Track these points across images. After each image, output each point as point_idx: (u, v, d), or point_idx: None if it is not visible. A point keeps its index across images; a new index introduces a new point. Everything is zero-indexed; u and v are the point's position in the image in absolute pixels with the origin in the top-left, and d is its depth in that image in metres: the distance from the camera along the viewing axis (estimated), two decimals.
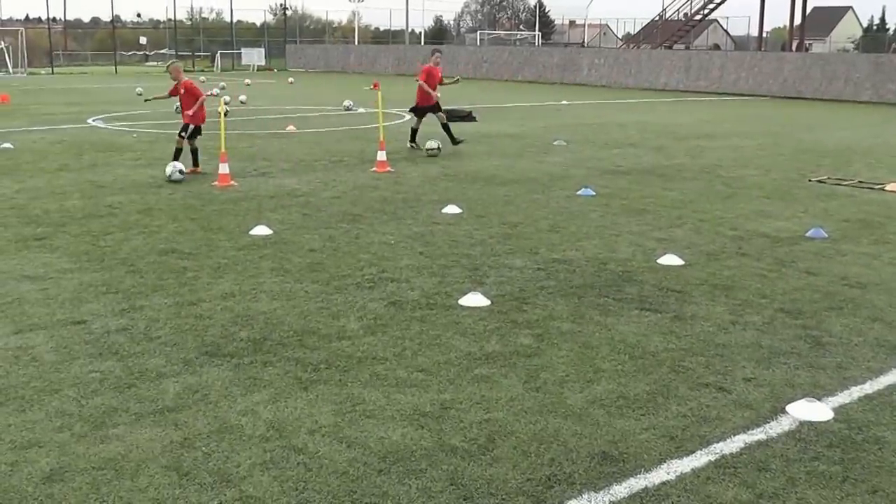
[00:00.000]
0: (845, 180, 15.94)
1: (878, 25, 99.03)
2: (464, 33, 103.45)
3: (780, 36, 77.36)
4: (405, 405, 5.64)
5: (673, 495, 4.61)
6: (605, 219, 11.76)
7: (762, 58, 47.46)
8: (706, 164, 17.75)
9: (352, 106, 29.16)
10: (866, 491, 4.74)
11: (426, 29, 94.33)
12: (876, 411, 5.80)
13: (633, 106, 35.53)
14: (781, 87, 44.68)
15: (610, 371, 6.32)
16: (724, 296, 8.31)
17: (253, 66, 71.89)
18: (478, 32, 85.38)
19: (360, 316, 7.44)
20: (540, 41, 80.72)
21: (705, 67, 48.49)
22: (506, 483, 4.67)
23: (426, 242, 10.10)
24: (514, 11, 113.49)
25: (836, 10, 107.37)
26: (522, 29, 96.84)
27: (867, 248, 10.49)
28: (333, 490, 4.56)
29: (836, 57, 49.28)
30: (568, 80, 53.37)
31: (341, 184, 14.13)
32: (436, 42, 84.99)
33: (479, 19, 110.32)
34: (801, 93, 43.63)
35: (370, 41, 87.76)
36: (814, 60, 45.61)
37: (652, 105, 36.35)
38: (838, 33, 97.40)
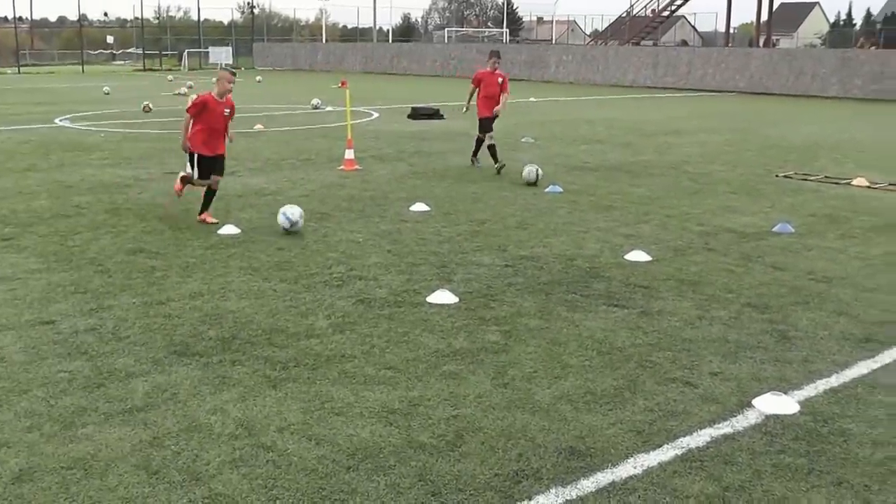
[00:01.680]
0: (812, 175, 16.08)
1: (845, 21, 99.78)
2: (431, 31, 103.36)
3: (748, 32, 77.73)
4: (374, 402, 5.66)
5: (640, 489, 4.65)
6: (572, 215, 11.82)
7: (729, 54, 47.77)
8: (673, 161, 17.86)
9: (320, 104, 29.11)
10: (831, 483, 4.81)
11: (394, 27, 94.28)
12: (841, 404, 5.88)
13: (601, 103, 35.66)
14: (748, 83, 44.98)
15: (577, 367, 6.36)
16: (691, 291, 8.38)
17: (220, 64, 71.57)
18: (445, 30, 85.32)
19: (328, 314, 7.46)
20: (508, 38, 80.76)
21: (673, 64, 48.73)
22: (474, 478, 4.70)
23: (394, 240, 10.12)
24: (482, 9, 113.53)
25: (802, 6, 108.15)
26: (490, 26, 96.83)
27: (833, 243, 10.60)
28: (302, 487, 4.58)
29: (803, 52, 49.70)
30: (536, 77, 53.48)
31: (309, 182, 14.12)
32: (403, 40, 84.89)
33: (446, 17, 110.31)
34: (768, 88, 43.94)
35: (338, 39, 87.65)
36: (781, 56, 45.94)
37: (620, 102, 36.51)
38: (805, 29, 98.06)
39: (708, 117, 29.06)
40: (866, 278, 9.03)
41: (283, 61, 71.41)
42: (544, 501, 4.51)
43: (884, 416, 5.69)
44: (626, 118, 27.96)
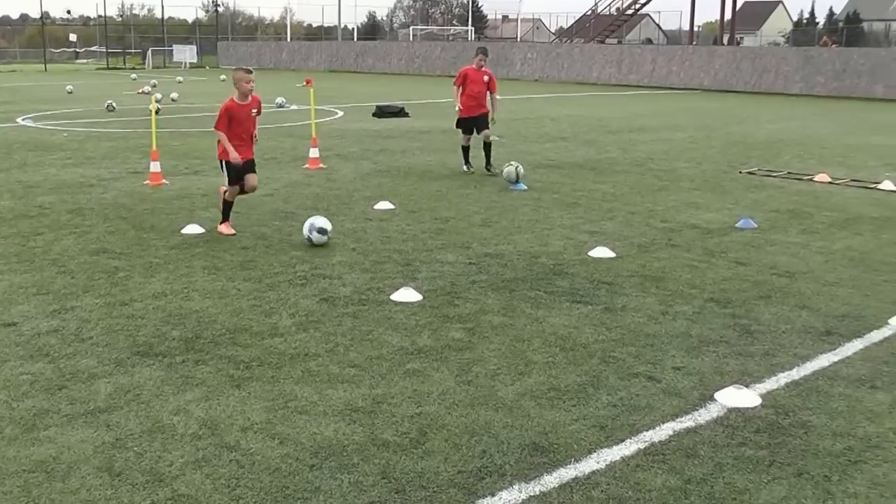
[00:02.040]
0: (775, 172, 16.21)
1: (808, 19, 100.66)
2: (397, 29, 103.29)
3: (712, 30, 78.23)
4: (337, 401, 5.66)
5: (602, 483, 4.68)
6: (537, 213, 11.86)
7: (693, 52, 48.01)
8: (637, 158, 17.95)
9: (284, 103, 29.02)
10: (792, 474, 4.86)
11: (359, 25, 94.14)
12: (802, 396, 5.94)
13: (566, 100, 35.78)
14: (713, 81, 45.24)
15: (541, 363, 6.39)
16: (655, 287, 8.43)
17: (185, 63, 71.25)
18: (410, 28, 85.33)
19: (292, 313, 7.45)
20: (473, 36, 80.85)
21: (637, 61, 48.94)
22: (437, 475, 4.72)
23: (358, 239, 10.12)
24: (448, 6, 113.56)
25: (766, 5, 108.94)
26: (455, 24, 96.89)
27: (796, 238, 10.70)
28: (266, 486, 4.58)
29: (767, 50, 50.03)
30: (501, 74, 53.41)
31: (274, 181, 14.07)
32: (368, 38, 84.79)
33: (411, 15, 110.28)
34: (732, 86, 44.21)
35: (303, 38, 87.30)
36: (744, 54, 46.24)
37: (584, 99, 36.63)
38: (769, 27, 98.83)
39: (672, 115, 29.20)
40: (828, 272, 9.12)
41: (248, 60, 71.04)
42: (507, 497, 4.52)
43: (844, 408, 5.76)
44: (591, 115, 28.06)
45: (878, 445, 5.26)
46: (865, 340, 7.12)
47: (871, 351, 6.90)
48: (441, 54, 58.53)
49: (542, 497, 4.54)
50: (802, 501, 4.58)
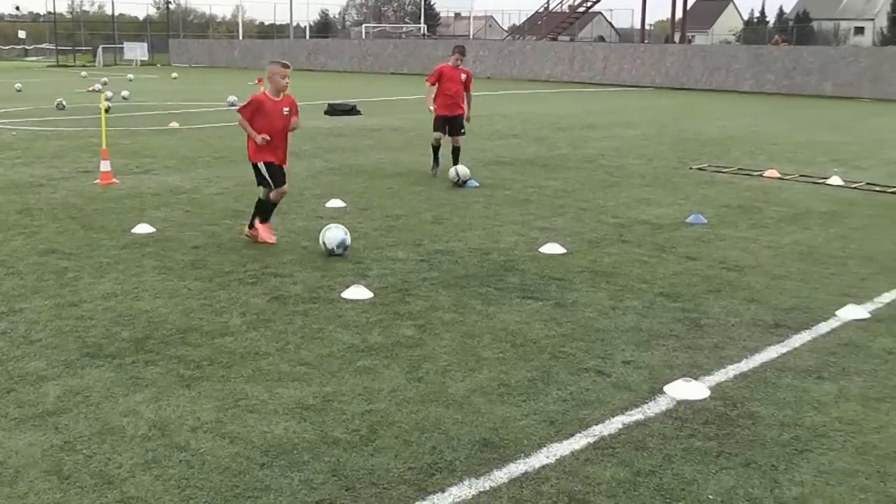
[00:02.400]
0: (725, 167, 16.38)
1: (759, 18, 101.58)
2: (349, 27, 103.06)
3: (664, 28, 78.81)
4: (288, 399, 5.65)
5: (552, 478, 4.71)
6: (488, 209, 11.89)
7: (645, 49, 48.41)
8: (589, 154, 18.05)
9: (236, 101, 28.80)
10: (740, 464, 4.93)
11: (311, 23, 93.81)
12: (751, 388, 6.02)
13: (518, 97, 35.86)
14: (664, 78, 45.62)
15: (491, 359, 6.41)
16: (605, 282, 8.49)
17: (136, 60, 70.66)
18: (363, 26, 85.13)
19: (242, 312, 7.42)
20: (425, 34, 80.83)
21: (589, 59, 49.21)
22: (387, 472, 4.72)
23: (310, 237, 10.07)
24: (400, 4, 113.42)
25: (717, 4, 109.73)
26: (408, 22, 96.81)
27: (745, 233, 10.82)
28: (216, 486, 4.56)
29: (718, 48, 50.56)
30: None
31: (225, 180, 14.01)
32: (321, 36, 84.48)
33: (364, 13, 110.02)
34: (683, 83, 44.60)
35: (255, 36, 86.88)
36: (695, 52, 46.72)
37: (536, 96, 36.75)
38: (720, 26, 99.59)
39: (624, 112, 29.37)
40: (777, 266, 9.23)
41: (200, 58, 70.67)
42: (457, 493, 4.54)
43: (791, 399, 5.84)
44: (543, 113, 28.16)
45: (824, 434, 5.34)
46: (813, 332, 7.22)
47: (818, 343, 7.00)
48: (393, 52, 58.51)
49: (492, 492, 4.55)
50: (750, 491, 4.64)
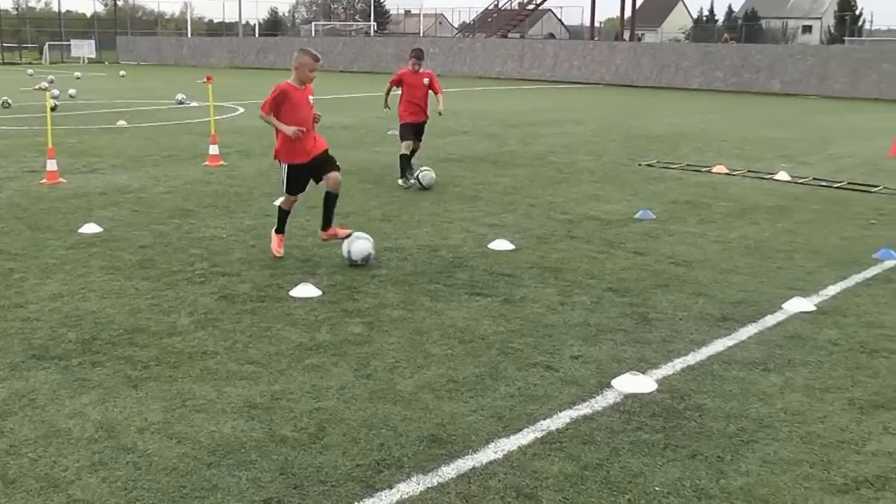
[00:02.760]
0: (674, 164, 16.50)
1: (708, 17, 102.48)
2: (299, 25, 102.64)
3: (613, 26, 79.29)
4: (236, 398, 5.62)
5: (500, 473, 4.73)
6: (437, 206, 11.89)
7: (594, 47, 48.63)
8: (538, 151, 18.11)
9: (184, 99, 28.67)
10: (686, 456, 4.98)
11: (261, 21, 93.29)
12: (697, 381, 6.08)
13: (468, 94, 35.88)
14: (614, 76, 45.89)
15: (440, 356, 6.43)
16: (554, 278, 8.52)
17: (83, 58, 69.90)
18: (313, 24, 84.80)
19: (190, 311, 7.37)
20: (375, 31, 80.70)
21: (539, 56, 49.37)
22: (335, 470, 4.72)
23: (258, 235, 10.04)
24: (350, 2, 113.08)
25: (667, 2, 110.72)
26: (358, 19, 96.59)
27: (693, 228, 10.91)
28: (163, 487, 4.53)
29: (667, 46, 51.04)
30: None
31: (173, 179, 13.91)
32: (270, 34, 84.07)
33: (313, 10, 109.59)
34: (633, 81, 44.89)
35: (203, 33, 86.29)
36: (644, 50, 47.10)
37: (486, 94, 36.81)
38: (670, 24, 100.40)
39: (573, 109, 29.51)
40: (724, 260, 9.33)
41: (148, 55, 70.02)
42: (405, 489, 4.55)
43: (737, 391, 5.92)
44: (493, 110, 28.22)
45: (769, 425, 5.42)
46: (760, 325, 7.32)
47: (764, 335, 7.09)
48: (343, 50, 58.34)
49: (439, 488, 4.57)
50: (696, 482, 4.70)
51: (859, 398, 5.89)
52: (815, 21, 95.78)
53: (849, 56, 40.24)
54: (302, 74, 8.89)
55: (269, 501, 4.42)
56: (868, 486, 4.74)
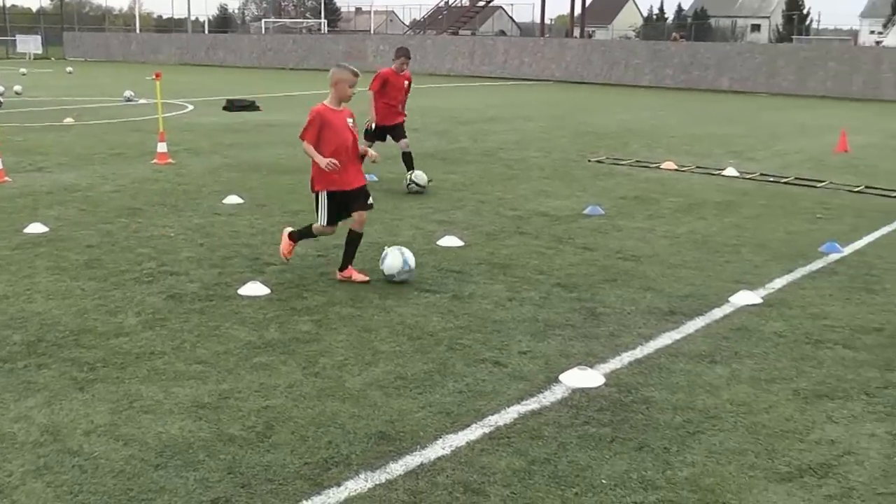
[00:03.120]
0: (623, 160, 16.62)
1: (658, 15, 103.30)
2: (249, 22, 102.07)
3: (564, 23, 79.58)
4: (183, 398, 5.59)
5: (448, 469, 4.74)
6: (386, 203, 11.85)
7: (545, 44, 48.84)
8: (488, 148, 18.15)
9: (132, 97, 28.40)
10: (633, 448, 5.04)
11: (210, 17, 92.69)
12: (645, 374, 6.15)
13: (418, 91, 35.73)
14: (564, 73, 46.13)
15: (388, 353, 6.43)
16: (503, 274, 8.55)
17: (29, 54, 69.03)
18: (263, 21, 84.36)
19: (138, 311, 7.31)
20: (326, 29, 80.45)
21: (490, 53, 49.46)
22: (283, 468, 4.71)
23: (207, 234, 9.98)
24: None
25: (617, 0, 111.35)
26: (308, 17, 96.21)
27: (642, 223, 10.99)
28: (109, 490, 4.49)
29: (617, 44, 51.36)
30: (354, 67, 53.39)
31: (121, 177, 13.77)
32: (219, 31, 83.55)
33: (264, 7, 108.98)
34: (583, 77, 45.17)
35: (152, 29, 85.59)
36: (595, 47, 47.39)
37: (437, 90, 36.82)
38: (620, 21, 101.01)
39: (524, 105, 29.61)
40: (672, 255, 9.41)
41: (96, 51, 69.20)
42: (353, 487, 4.54)
43: (684, 383, 5.99)
44: (443, 107, 28.25)
45: (715, 416, 5.49)
46: (707, 318, 7.41)
47: (711, 328, 7.18)
48: (293, 47, 58.09)
49: (387, 485, 4.57)
50: (643, 473, 4.74)
51: (804, 388, 5.99)
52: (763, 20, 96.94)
53: (796, 54, 40.81)
54: (341, 92, 8.20)
55: (216, 501, 4.40)
56: (811, 474, 4.82)
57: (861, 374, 6.28)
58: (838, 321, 7.43)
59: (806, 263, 9.24)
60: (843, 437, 5.28)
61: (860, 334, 7.13)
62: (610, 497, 4.51)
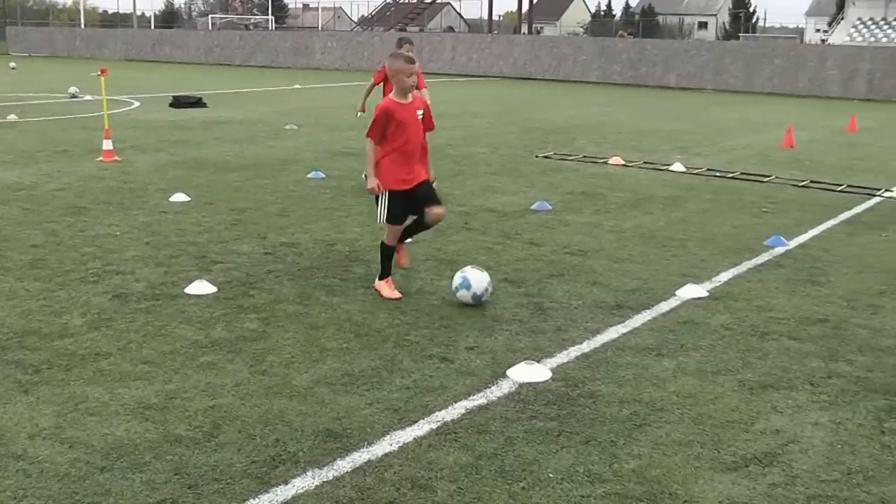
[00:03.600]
0: (571, 155, 16.71)
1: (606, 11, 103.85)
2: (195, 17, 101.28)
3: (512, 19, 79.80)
4: (129, 399, 5.53)
5: (395, 465, 4.75)
6: (334, 201, 11.84)
7: (493, 40, 49.00)
8: (436, 144, 17.96)
9: (77, 93, 28.07)
10: (580, 442, 5.07)
11: (156, 12, 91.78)
12: (592, 368, 6.19)
13: None
14: (512, 69, 46.29)
15: (336, 350, 6.42)
16: (450, 270, 8.52)
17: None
18: (209, 17, 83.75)
19: (83, 312, 7.23)
20: (273, 25, 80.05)
21: (437, 49, 49.48)
22: (230, 467, 4.68)
23: (153, 232, 9.89)
24: None
25: None
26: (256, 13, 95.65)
27: (589, 218, 11.05)
28: (54, 494, 4.43)
29: (565, 40, 51.70)
30: (301, 64, 53.23)
31: (66, 175, 13.60)
32: (166, 26, 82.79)
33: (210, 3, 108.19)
34: (531, 74, 45.38)
35: (97, 24, 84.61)
36: (542, 43, 47.62)
37: None
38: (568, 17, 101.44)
39: (471, 102, 29.66)
40: (619, 249, 9.49)
41: (40, 47, 68.26)
42: (301, 484, 4.53)
43: (631, 376, 6.05)
44: None
45: (662, 408, 5.55)
46: (653, 312, 7.48)
47: (658, 321, 7.26)
48: (240, 43, 57.69)
49: (335, 482, 4.57)
50: (589, 467, 4.78)
51: (749, 379, 6.07)
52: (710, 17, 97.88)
53: (743, 51, 41.31)
54: (401, 84, 7.55)
55: (163, 503, 4.36)
56: (756, 463, 4.89)
57: (806, 365, 6.38)
58: (783, 313, 7.53)
59: (752, 257, 9.35)
60: (787, 427, 5.36)
61: (805, 326, 7.23)
62: (557, 490, 4.54)
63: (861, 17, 62.15)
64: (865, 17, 62.09)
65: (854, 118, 24.07)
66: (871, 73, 37.96)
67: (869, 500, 4.57)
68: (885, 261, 9.46)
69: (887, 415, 5.59)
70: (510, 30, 71.36)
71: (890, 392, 5.95)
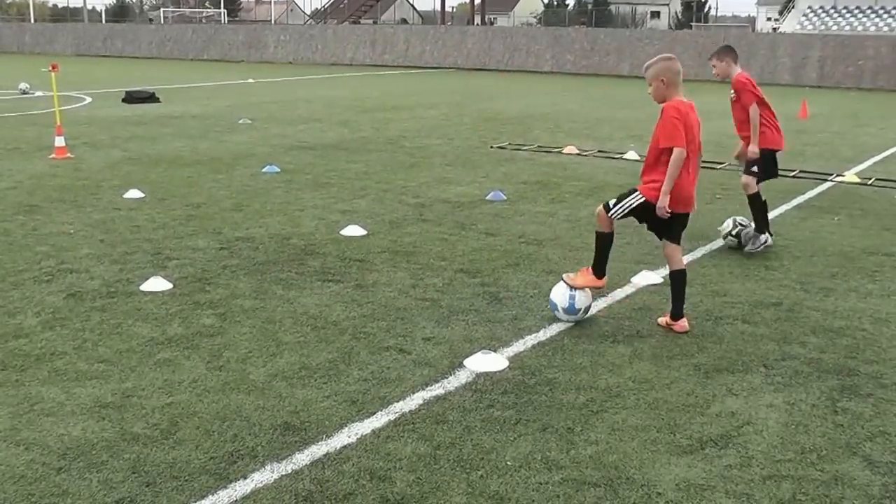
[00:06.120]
0: (525, 145, 16.77)
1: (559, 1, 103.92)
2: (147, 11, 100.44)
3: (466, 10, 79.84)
4: (86, 398, 5.50)
5: (353, 457, 4.76)
6: (289, 195, 11.81)
7: (446, 31, 49.08)
8: (391, 136, 18.15)
9: (28, 89, 27.78)
10: (537, 429, 5.11)
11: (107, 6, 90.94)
12: (548, 356, 6.24)
13: (320, 82, 35.74)
14: (466, 60, 46.42)
15: (292, 343, 6.42)
16: (406, 261, 8.57)
17: None
18: (162, 10, 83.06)
19: (37, 311, 7.16)
20: (226, 19, 79.57)
21: (391, 41, 49.48)
22: (188, 464, 4.67)
23: (107, 230, 9.81)
24: None
25: None
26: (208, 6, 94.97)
27: (544, 207, 11.10)
28: (10, 497, 4.40)
29: (518, 30, 51.82)
30: (254, 57, 53.02)
31: (17, 173, 13.45)
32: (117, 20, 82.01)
33: None
34: (484, 64, 45.50)
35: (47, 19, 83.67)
36: (496, 34, 47.78)
37: (339, 80, 36.70)
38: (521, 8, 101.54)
39: (426, 93, 29.66)
40: (574, 238, 9.55)
41: None
42: (259, 478, 4.54)
43: (587, 364, 6.10)
44: (345, 96, 28.15)
45: (618, 395, 5.61)
46: (609, 299, 7.56)
47: (613, 308, 7.34)
48: (193, 38, 57.33)
49: (294, 475, 4.57)
50: (546, 454, 4.82)
51: (704, 363, 6.15)
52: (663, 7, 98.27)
53: (695, 41, 41.70)
54: (676, 85, 7.05)
55: (121, 502, 4.34)
56: (712, 446, 4.97)
57: (760, 348, 6.47)
58: (738, 297, 7.63)
59: (706, 243, 9.46)
60: (742, 409, 5.44)
61: (759, 309, 7.33)
62: (515, 478, 4.57)
63: (811, 6, 62.78)
64: (816, 5, 62.72)
65: (805, 105, 24.33)
66: (821, 60, 38.45)
67: (823, 478, 4.65)
68: (836, 244, 9.60)
69: (840, 394, 5.69)
70: (463, 21, 71.41)
71: (842, 372, 6.05)
